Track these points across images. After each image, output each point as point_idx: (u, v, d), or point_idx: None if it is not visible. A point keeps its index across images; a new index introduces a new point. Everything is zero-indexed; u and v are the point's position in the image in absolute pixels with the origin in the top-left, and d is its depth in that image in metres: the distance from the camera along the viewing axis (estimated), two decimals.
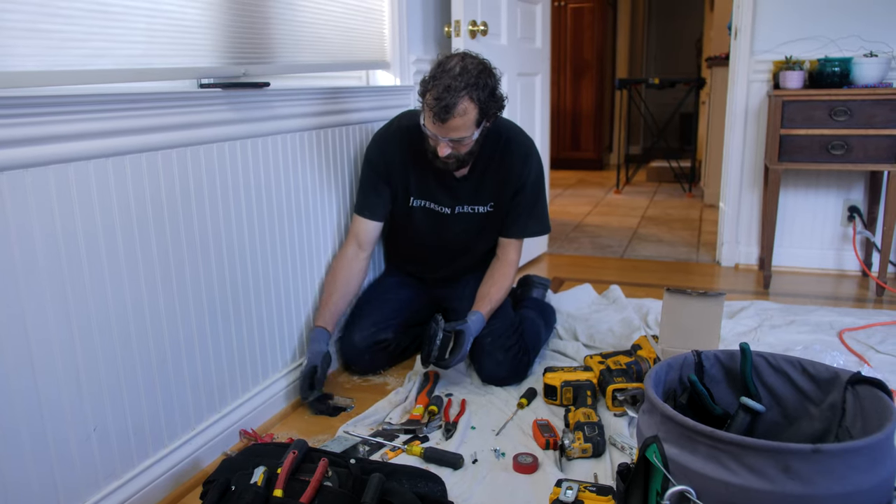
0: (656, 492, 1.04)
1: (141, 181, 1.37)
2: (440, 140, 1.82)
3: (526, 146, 2.04)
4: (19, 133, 1.12)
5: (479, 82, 1.77)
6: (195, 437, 1.57)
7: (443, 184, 2.03)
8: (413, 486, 1.35)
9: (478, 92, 1.77)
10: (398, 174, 2.03)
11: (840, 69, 2.67)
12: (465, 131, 1.80)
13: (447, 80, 1.75)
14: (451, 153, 1.85)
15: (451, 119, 1.76)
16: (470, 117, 1.78)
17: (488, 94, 1.80)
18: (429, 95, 1.78)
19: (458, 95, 1.74)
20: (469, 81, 1.75)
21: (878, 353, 2.14)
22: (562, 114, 6.69)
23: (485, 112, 1.82)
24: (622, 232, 4.06)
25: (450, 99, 1.74)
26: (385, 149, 2.04)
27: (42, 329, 1.18)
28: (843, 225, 3.07)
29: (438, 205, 2.06)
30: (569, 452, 1.57)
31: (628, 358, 1.93)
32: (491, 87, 1.81)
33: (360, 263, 2.06)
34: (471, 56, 1.83)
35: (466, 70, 1.77)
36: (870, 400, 1.08)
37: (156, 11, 1.40)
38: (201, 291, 1.56)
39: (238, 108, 1.63)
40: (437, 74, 1.78)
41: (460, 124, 1.78)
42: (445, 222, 2.08)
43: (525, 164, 2.02)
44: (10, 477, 1.14)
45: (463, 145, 1.85)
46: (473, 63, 1.80)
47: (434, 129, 1.81)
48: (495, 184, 2.03)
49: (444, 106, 1.74)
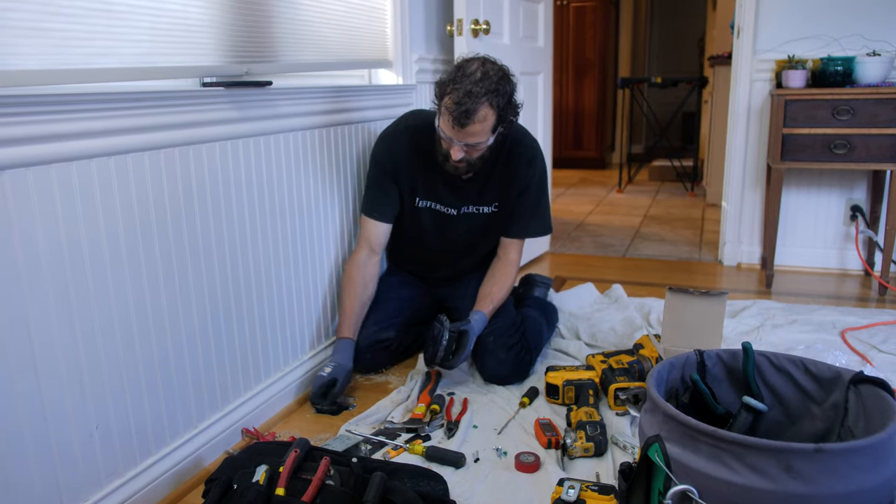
0: (658, 491, 1.04)
1: (143, 180, 1.37)
2: (455, 144, 1.81)
3: (532, 148, 2.04)
4: (22, 132, 1.12)
5: (500, 89, 1.76)
6: (197, 435, 1.57)
7: (449, 185, 2.03)
8: (415, 484, 1.35)
9: (497, 98, 1.75)
10: (405, 174, 2.02)
11: (843, 68, 2.67)
12: (482, 137, 1.80)
13: (468, 86, 1.73)
14: (464, 157, 1.85)
15: (470, 125, 1.75)
16: (488, 123, 1.78)
17: (507, 100, 1.79)
18: (448, 99, 1.76)
19: (478, 101, 1.73)
20: (490, 88, 1.74)
21: (880, 352, 2.13)
22: (564, 113, 6.69)
23: (502, 119, 1.81)
24: (624, 231, 4.06)
25: (471, 104, 1.72)
26: (393, 148, 2.03)
27: (45, 327, 1.18)
28: (845, 224, 3.06)
29: (444, 206, 2.05)
30: (571, 451, 1.57)
31: (630, 357, 1.93)
32: (509, 94, 1.80)
33: (373, 268, 2.07)
34: (490, 61, 1.81)
35: (487, 76, 1.75)
36: (872, 399, 1.08)
37: (159, 10, 1.40)
38: (203, 290, 1.56)
39: (240, 106, 1.63)
40: (457, 78, 1.76)
41: (478, 130, 1.77)
42: (450, 223, 2.08)
43: (531, 165, 2.02)
44: (12, 475, 1.15)
45: (476, 150, 1.84)
46: (494, 69, 1.78)
47: (451, 133, 1.79)
48: (500, 185, 2.03)
49: (464, 111, 1.73)
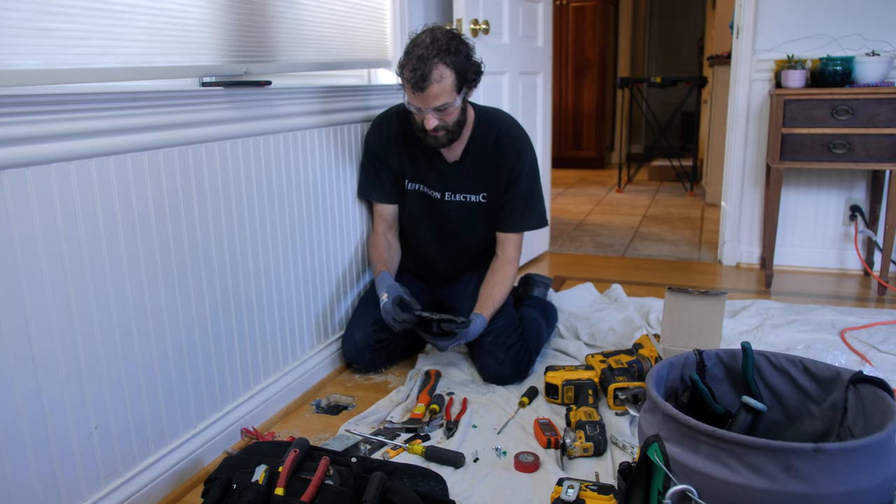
0: (658, 491, 1.04)
1: (142, 179, 1.37)
2: (425, 112, 1.86)
3: (520, 138, 2.06)
4: (21, 131, 1.12)
5: (451, 47, 1.82)
6: (196, 435, 1.57)
7: (434, 168, 2.06)
8: (414, 484, 1.35)
9: (451, 57, 1.81)
10: (395, 156, 2.09)
11: (842, 68, 2.67)
12: (447, 97, 1.84)
13: (419, 51, 1.80)
14: (439, 125, 1.89)
15: (429, 86, 1.80)
16: (447, 82, 1.82)
17: (463, 58, 1.85)
18: (405, 70, 1.83)
19: (431, 63, 1.79)
20: (440, 48, 1.80)
21: (879, 352, 2.14)
22: (563, 112, 6.69)
23: (463, 76, 1.86)
24: (624, 231, 4.06)
25: (424, 68, 1.79)
26: (382, 131, 2.10)
27: (44, 328, 1.18)
28: (844, 224, 3.06)
29: (431, 188, 2.09)
30: (570, 451, 1.57)
31: (630, 357, 1.93)
32: (465, 52, 1.86)
33: (392, 236, 2.20)
34: (439, 27, 1.88)
35: (437, 39, 1.82)
36: (871, 399, 1.08)
37: (157, 10, 1.40)
38: (202, 289, 1.56)
39: (239, 106, 1.63)
40: (409, 50, 1.84)
41: (439, 91, 1.82)
42: (439, 209, 2.10)
43: (519, 156, 2.03)
44: (11, 475, 1.15)
45: (448, 114, 1.88)
46: (442, 32, 1.85)
47: (416, 100, 1.85)
48: (488, 173, 2.04)
49: (420, 75, 1.79)
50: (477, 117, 2.04)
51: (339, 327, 2.17)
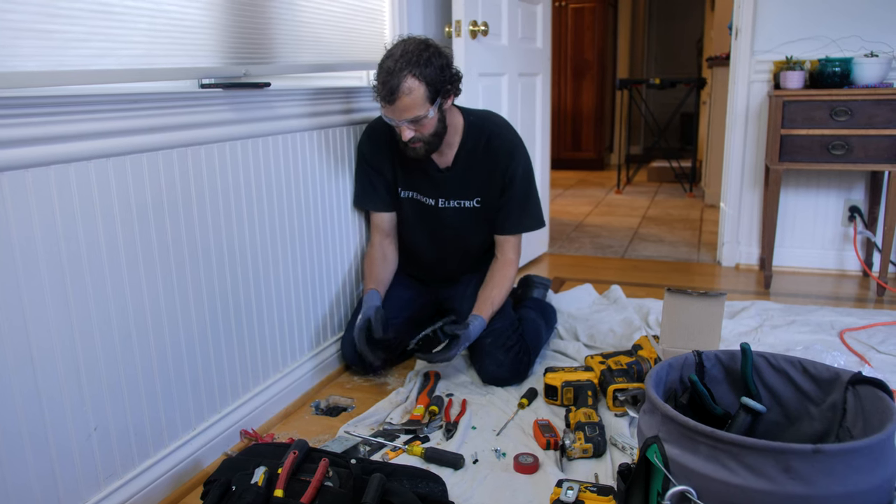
0: (657, 492, 1.05)
1: (142, 181, 1.37)
2: (399, 124, 1.85)
3: (511, 141, 2.04)
4: (21, 133, 1.12)
5: (421, 59, 1.80)
6: (196, 437, 1.57)
7: (427, 175, 2.05)
8: (414, 486, 1.35)
9: (420, 69, 1.79)
10: (387, 164, 2.08)
11: (841, 69, 2.67)
12: (419, 110, 1.82)
13: (389, 64, 1.79)
14: (416, 136, 1.88)
15: (397, 99, 1.79)
16: (417, 95, 1.80)
17: (436, 70, 1.82)
18: (377, 83, 1.82)
19: (399, 76, 1.78)
20: (410, 60, 1.78)
21: (878, 353, 2.14)
22: (562, 114, 6.69)
23: (435, 88, 1.83)
24: (623, 232, 4.06)
25: (393, 81, 1.78)
26: (373, 139, 2.09)
27: (43, 329, 1.18)
28: (843, 225, 3.07)
29: (424, 196, 2.08)
30: (569, 452, 1.57)
31: (629, 358, 1.93)
32: (437, 64, 1.83)
33: (388, 247, 2.18)
34: (412, 38, 1.87)
35: (407, 51, 1.80)
36: (870, 400, 1.08)
37: (157, 12, 1.40)
38: (202, 291, 1.56)
39: (239, 108, 1.63)
40: (381, 62, 1.83)
41: (409, 103, 1.80)
42: (434, 216, 2.09)
43: (512, 158, 2.02)
44: (10, 477, 1.14)
45: (423, 126, 1.87)
46: (414, 43, 1.84)
47: (388, 112, 1.85)
48: (481, 178, 2.03)
49: (389, 89, 1.79)
50: (467, 122, 2.02)
51: (337, 329, 2.17)
